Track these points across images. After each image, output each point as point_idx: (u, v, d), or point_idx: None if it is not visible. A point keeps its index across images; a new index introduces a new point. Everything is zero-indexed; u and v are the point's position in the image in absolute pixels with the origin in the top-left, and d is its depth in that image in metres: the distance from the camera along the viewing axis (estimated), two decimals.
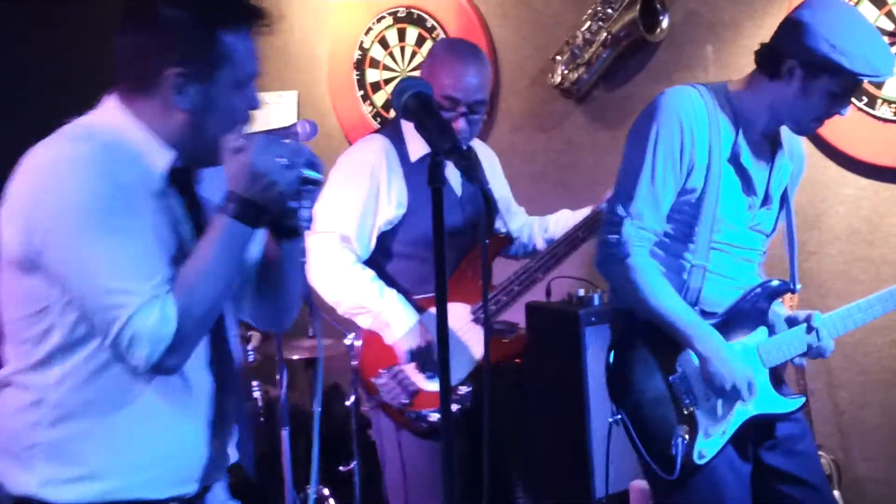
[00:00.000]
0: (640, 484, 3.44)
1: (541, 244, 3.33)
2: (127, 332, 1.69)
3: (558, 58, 4.18)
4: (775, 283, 2.71)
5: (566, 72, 4.17)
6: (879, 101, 3.52)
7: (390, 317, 2.99)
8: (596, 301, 3.62)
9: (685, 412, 2.63)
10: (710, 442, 2.62)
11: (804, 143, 2.92)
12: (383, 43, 4.81)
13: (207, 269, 1.76)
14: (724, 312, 2.67)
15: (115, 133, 1.80)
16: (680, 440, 2.58)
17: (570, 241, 3.13)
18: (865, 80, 2.50)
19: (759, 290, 2.69)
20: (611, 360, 2.72)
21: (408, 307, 3.01)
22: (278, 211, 1.83)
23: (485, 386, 2.47)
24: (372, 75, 4.87)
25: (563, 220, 3.30)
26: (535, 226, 3.38)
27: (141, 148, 1.81)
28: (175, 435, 1.85)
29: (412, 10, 4.68)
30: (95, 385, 1.78)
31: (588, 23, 4.06)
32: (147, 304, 1.70)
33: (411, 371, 3.03)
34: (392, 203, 3.00)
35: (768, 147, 2.70)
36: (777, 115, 2.61)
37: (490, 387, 1.88)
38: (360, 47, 4.87)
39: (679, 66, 4.00)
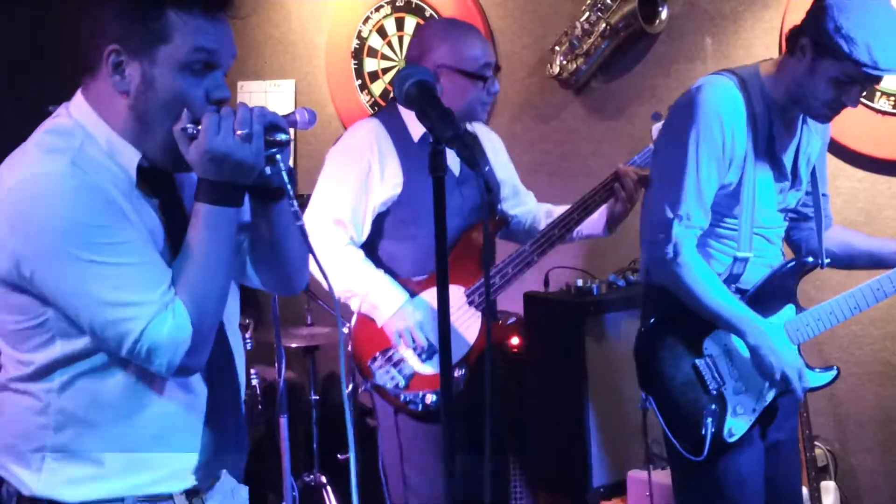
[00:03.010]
0: (638, 474, 3.45)
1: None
2: (143, 344, 1.66)
3: (557, 48, 4.19)
4: (805, 259, 2.75)
5: (565, 62, 4.18)
6: (878, 94, 3.52)
7: (378, 298, 2.99)
8: (594, 291, 3.63)
9: (714, 393, 2.67)
10: (739, 420, 2.67)
11: None
12: (381, 32, 4.80)
13: (205, 261, 1.72)
14: (752, 290, 2.71)
15: (84, 133, 1.73)
16: (710, 420, 2.64)
17: (566, 223, 3.13)
18: (866, 72, 2.44)
19: (786, 268, 2.73)
20: (640, 345, 2.77)
21: (397, 288, 3.01)
22: (254, 182, 1.77)
23: (486, 370, 2.48)
24: (370, 64, 4.87)
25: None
26: (540, 215, 3.37)
27: (109, 147, 1.74)
28: (179, 430, 1.83)
29: (410, 0, 4.68)
30: (98, 390, 1.76)
31: (587, 13, 4.06)
32: (158, 314, 1.66)
33: (406, 353, 3.04)
34: (387, 183, 3.00)
35: (795, 125, 2.71)
36: (791, 96, 2.60)
37: (490, 371, 1.87)
38: (358, 36, 4.87)
39: (678, 58, 4.00)
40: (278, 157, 1.77)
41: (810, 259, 2.74)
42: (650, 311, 2.79)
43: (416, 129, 3.00)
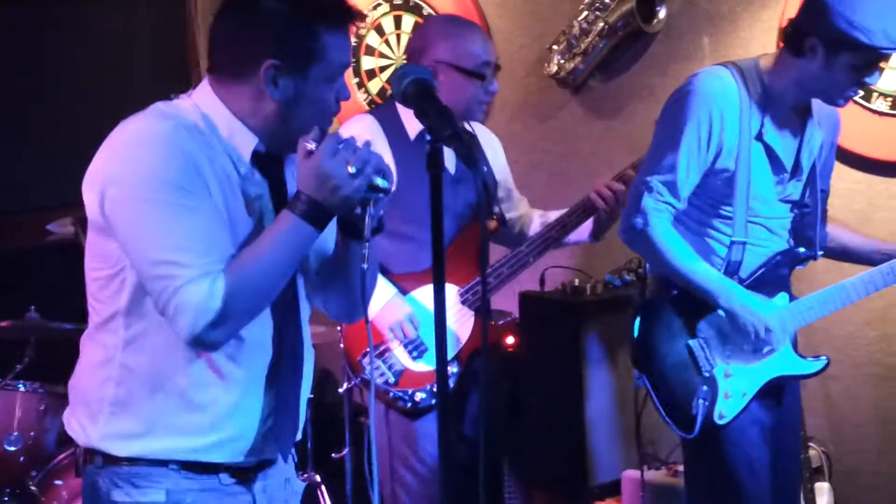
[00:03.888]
0: (632, 474, 3.45)
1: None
2: (174, 301, 1.74)
3: (555, 47, 4.18)
4: (797, 250, 2.79)
5: (563, 61, 4.17)
6: (875, 95, 3.52)
7: None
8: (590, 291, 3.63)
9: (706, 375, 2.72)
10: (729, 403, 2.72)
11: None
12: (379, 30, 4.80)
13: (263, 258, 1.80)
14: (746, 277, 2.75)
15: (203, 114, 1.85)
16: (701, 402, 2.68)
17: (562, 225, 3.13)
18: (888, 53, 2.55)
19: (779, 256, 2.78)
20: (636, 325, 2.81)
21: (387, 283, 3.01)
22: (344, 215, 1.86)
23: (482, 370, 2.48)
24: (367, 62, 4.86)
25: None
26: (535, 218, 3.36)
27: (226, 131, 1.86)
28: (231, 404, 1.88)
29: None
30: (157, 349, 1.84)
31: (585, 13, 4.06)
32: (197, 279, 1.74)
33: (397, 350, 3.03)
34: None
35: (797, 119, 2.75)
36: (805, 91, 2.68)
37: (485, 371, 1.87)
38: (356, 34, 4.86)
39: (676, 58, 4.00)
40: (372, 202, 1.84)
41: (802, 249, 2.78)
42: (646, 291, 2.87)
43: (413, 127, 3.00)
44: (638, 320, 2.82)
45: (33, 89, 4.92)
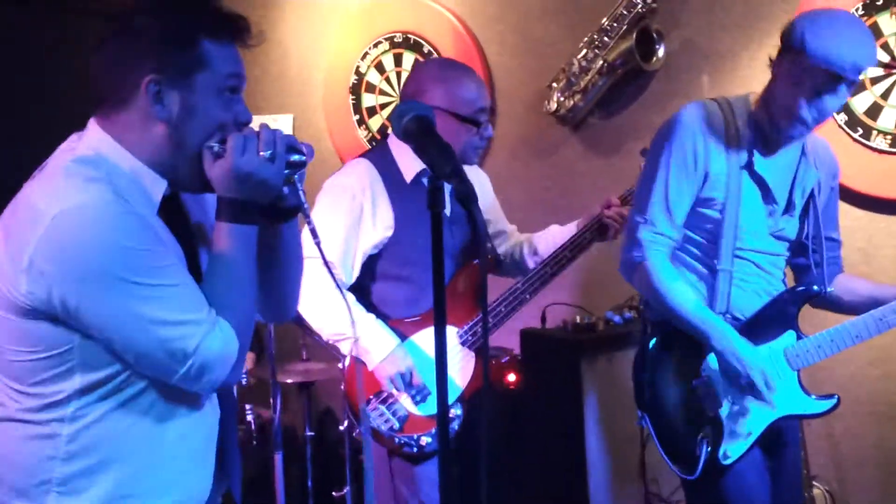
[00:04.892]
0: None
1: (531, 264, 3.31)
2: (197, 360, 1.69)
3: (554, 85, 4.20)
4: (805, 287, 2.78)
5: (562, 99, 4.19)
6: (874, 133, 3.53)
7: (369, 343, 2.96)
8: (591, 328, 3.62)
9: (710, 414, 2.70)
10: (735, 443, 2.70)
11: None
12: (379, 68, 4.82)
13: (236, 278, 1.78)
14: (751, 316, 2.74)
15: (107, 163, 1.74)
16: (704, 442, 2.67)
17: (558, 261, 3.12)
18: (817, 66, 2.47)
19: (787, 294, 2.77)
20: (638, 363, 2.81)
21: (387, 332, 2.99)
22: (273, 200, 1.83)
23: (483, 408, 2.46)
24: (368, 100, 4.88)
25: (552, 237, 3.29)
26: (524, 245, 3.37)
27: (134, 176, 1.77)
28: (183, 463, 1.84)
29: (409, 36, 4.70)
30: (111, 420, 1.76)
31: (584, 50, 4.08)
32: (210, 331, 1.71)
33: (400, 396, 3.01)
34: (378, 226, 2.99)
35: (790, 154, 2.75)
36: (771, 113, 2.65)
37: (488, 409, 1.85)
38: (357, 72, 4.89)
39: (675, 95, 4.01)
40: (295, 177, 1.84)
41: (815, 287, 2.77)
42: (650, 331, 2.84)
43: (409, 170, 2.99)
44: (641, 358, 2.81)
45: (33, 93, 4.95)
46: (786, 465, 2.88)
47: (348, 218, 2.96)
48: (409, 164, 2.98)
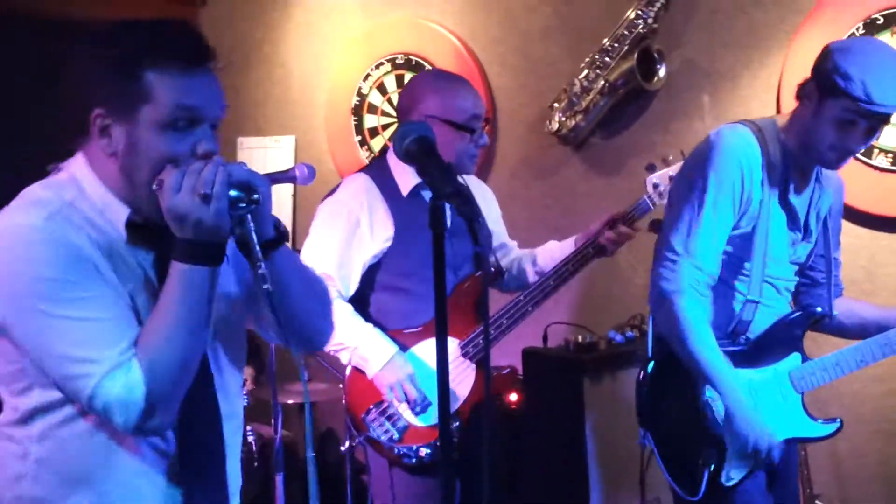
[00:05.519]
0: None
1: (532, 277, 3.32)
2: (97, 401, 1.64)
3: (556, 105, 4.21)
4: (811, 310, 2.76)
5: (564, 119, 4.20)
6: (876, 151, 3.54)
7: (367, 351, 2.97)
8: (593, 347, 3.61)
9: (714, 434, 2.65)
10: (739, 465, 2.65)
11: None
12: (381, 89, 4.84)
13: (171, 321, 1.67)
14: (757, 338, 2.71)
15: (78, 189, 1.73)
16: (709, 462, 2.63)
17: (559, 275, 3.13)
18: (863, 108, 2.46)
19: (793, 317, 2.75)
20: (642, 382, 2.77)
21: (387, 341, 3.00)
22: (221, 240, 1.69)
23: (484, 423, 2.45)
24: (370, 121, 4.89)
25: (551, 252, 3.30)
26: (525, 259, 3.37)
27: (102, 205, 1.73)
28: (146, 490, 1.79)
29: (411, 57, 4.72)
30: (75, 444, 1.74)
31: (586, 71, 4.10)
32: (110, 372, 1.63)
33: (400, 406, 3.01)
34: (377, 238, 3.00)
35: (808, 179, 2.73)
36: (801, 143, 2.63)
37: (490, 425, 1.84)
38: (358, 93, 4.90)
39: (676, 115, 4.02)
40: (249, 216, 1.70)
41: (819, 309, 2.75)
42: (653, 347, 2.80)
43: (405, 183, 3.01)
44: (644, 378, 2.79)
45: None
46: (788, 485, 2.86)
47: (344, 232, 2.98)
48: (407, 178, 2.99)
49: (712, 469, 2.64)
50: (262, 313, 1.93)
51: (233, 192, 1.67)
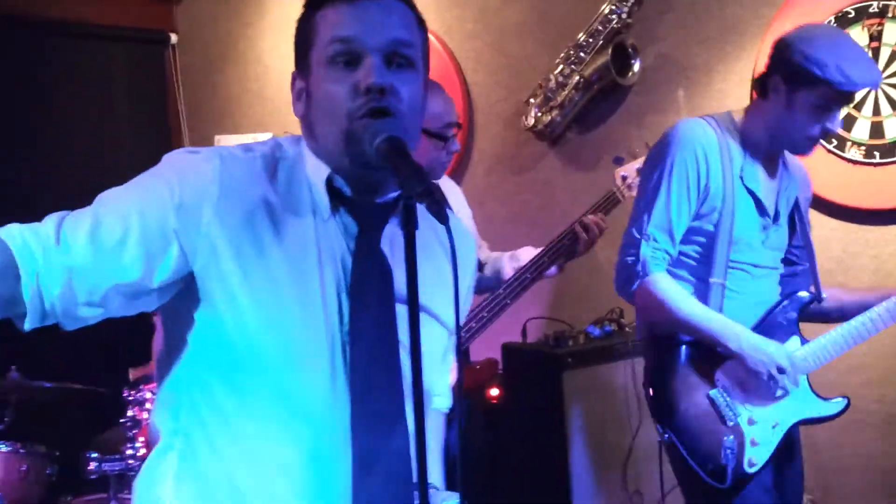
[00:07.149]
0: None
1: (509, 270, 3.31)
2: None
3: (532, 101, 4.23)
4: (803, 294, 2.82)
5: (539, 114, 4.22)
6: (849, 144, 3.57)
7: None
8: (572, 342, 3.63)
9: (730, 423, 2.69)
10: (758, 450, 2.70)
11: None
12: None
13: None
14: (756, 324, 2.75)
15: (297, 153, 1.66)
16: (729, 451, 2.66)
17: (537, 266, 3.16)
18: (842, 90, 2.55)
19: (787, 301, 2.80)
20: (651, 384, 2.80)
21: None
22: None
23: (458, 412, 2.46)
24: None
25: (526, 252, 3.32)
26: (503, 258, 3.38)
27: (310, 167, 1.64)
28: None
29: None
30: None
31: (561, 66, 4.11)
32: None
33: None
34: None
35: (775, 167, 2.79)
36: (773, 135, 2.70)
37: (464, 414, 1.84)
38: None
39: (651, 110, 4.04)
40: None
41: (803, 294, 2.82)
42: (657, 348, 2.82)
43: None
44: (652, 378, 2.81)
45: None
46: (793, 478, 2.90)
47: None
48: None
49: (735, 457, 2.66)
50: None
51: None
